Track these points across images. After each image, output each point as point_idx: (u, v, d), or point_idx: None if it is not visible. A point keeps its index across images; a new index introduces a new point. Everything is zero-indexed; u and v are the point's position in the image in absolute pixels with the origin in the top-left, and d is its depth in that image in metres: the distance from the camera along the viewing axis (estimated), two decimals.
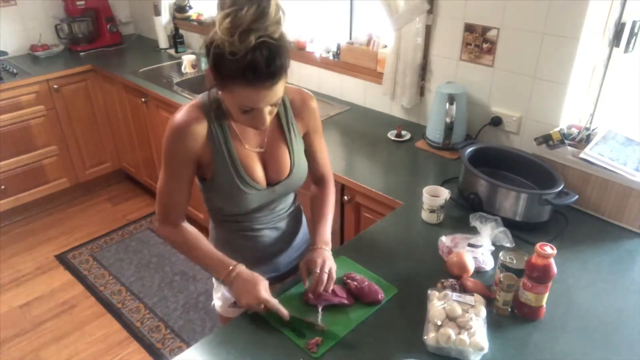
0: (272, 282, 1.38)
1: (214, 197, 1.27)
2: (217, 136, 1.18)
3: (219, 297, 1.48)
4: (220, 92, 1.11)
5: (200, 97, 1.21)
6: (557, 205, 1.51)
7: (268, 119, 1.10)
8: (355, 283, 1.28)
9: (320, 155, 1.40)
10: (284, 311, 1.17)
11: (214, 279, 1.48)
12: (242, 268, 1.22)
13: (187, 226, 1.29)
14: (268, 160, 1.27)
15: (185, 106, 1.19)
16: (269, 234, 1.37)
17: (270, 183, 1.28)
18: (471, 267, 1.32)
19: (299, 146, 1.31)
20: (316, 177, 1.44)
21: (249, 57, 0.96)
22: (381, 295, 1.26)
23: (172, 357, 2.30)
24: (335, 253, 1.41)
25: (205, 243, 1.28)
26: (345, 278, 1.31)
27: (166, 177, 1.21)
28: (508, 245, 1.37)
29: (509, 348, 1.14)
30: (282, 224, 1.39)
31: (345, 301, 1.24)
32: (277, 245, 1.40)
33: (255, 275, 1.21)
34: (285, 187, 1.30)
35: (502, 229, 1.39)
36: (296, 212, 1.46)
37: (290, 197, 1.41)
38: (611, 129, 1.65)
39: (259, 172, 1.25)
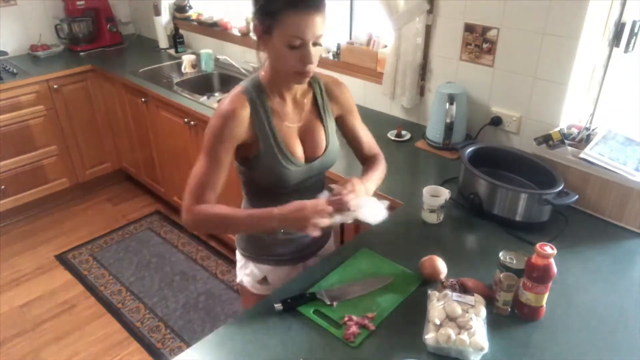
0: (296, 260, 1.51)
1: (256, 175, 1.32)
2: (261, 116, 1.26)
3: (248, 274, 1.51)
4: (268, 43, 1.17)
5: (242, 84, 1.29)
6: (557, 205, 1.51)
7: (314, 58, 1.17)
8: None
9: (363, 133, 1.47)
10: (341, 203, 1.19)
11: (238, 255, 1.54)
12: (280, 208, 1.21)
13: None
14: (305, 137, 1.34)
15: (229, 94, 1.27)
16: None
17: (307, 160, 1.34)
18: (443, 270, 1.32)
19: (332, 125, 1.39)
20: (364, 157, 1.50)
21: None
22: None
23: (172, 357, 2.30)
24: (354, 246, 1.47)
25: (240, 209, 1.33)
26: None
27: (208, 161, 1.24)
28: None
29: (509, 348, 1.14)
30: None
31: None
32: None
33: (296, 203, 1.20)
34: (321, 163, 1.37)
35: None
36: (322, 194, 1.48)
37: (323, 179, 1.47)
38: (611, 129, 1.65)
39: (298, 149, 1.32)
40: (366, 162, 1.49)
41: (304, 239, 1.47)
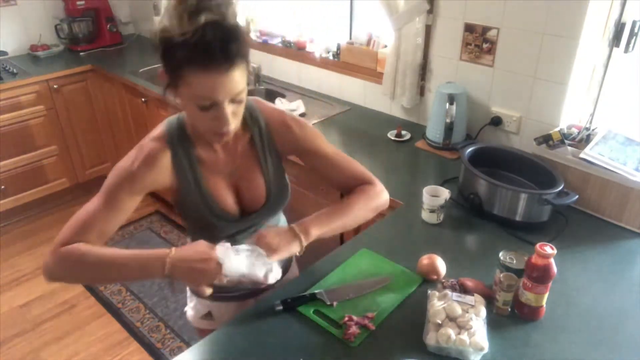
0: (246, 296, 1.35)
1: (184, 218, 1.19)
2: (183, 166, 1.09)
3: (192, 307, 1.41)
4: (175, 95, 0.99)
5: (165, 126, 1.10)
6: (557, 205, 1.51)
7: (232, 120, 0.98)
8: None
9: (335, 172, 1.22)
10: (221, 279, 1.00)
11: (187, 289, 1.40)
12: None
13: None
14: (241, 188, 1.17)
15: (150, 136, 1.09)
16: None
17: (245, 211, 1.19)
18: (442, 268, 1.32)
19: (277, 172, 1.20)
20: (346, 189, 1.24)
21: (200, 34, 0.88)
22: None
23: (172, 357, 2.30)
24: (354, 246, 1.44)
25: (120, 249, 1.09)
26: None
27: (103, 203, 1.05)
28: None
29: (509, 348, 1.14)
30: None
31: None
32: None
33: (195, 244, 1.03)
34: (261, 216, 1.21)
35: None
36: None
37: (276, 220, 1.33)
38: (611, 129, 1.65)
39: (229, 201, 1.16)
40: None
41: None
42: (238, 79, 0.94)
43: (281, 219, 1.39)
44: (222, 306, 1.36)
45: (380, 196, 1.22)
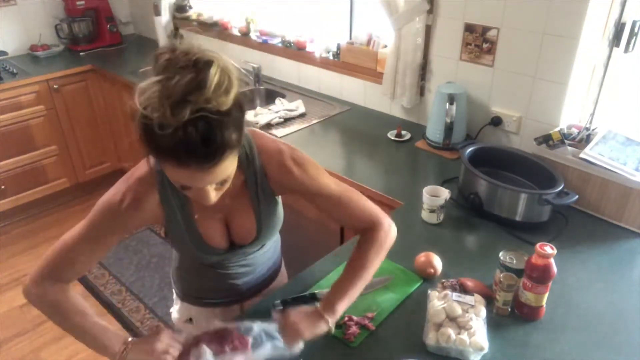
0: (230, 303, 1.34)
1: (172, 246, 1.18)
2: (172, 205, 1.05)
3: (177, 310, 1.41)
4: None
5: (153, 162, 1.00)
6: (557, 205, 1.51)
7: (214, 195, 0.92)
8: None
9: (341, 212, 1.14)
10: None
11: (174, 291, 1.40)
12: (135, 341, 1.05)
13: (71, 289, 1.12)
14: (231, 223, 1.14)
15: (140, 169, 1.02)
16: (235, 270, 1.27)
17: (234, 244, 1.17)
18: (438, 266, 1.32)
19: (269, 207, 1.14)
20: (356, 230, 1.18)
21: (181, 133, 0.77)
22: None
23: None
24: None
25: (93, 313, 1.11)
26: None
27: (85, 237, 1.03)
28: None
29: (509, 348, 1.14)
30: (252, 262, 1.29)
31: None
32: (242, 278, 1.30)
33: (157, 337, 1.04)
34: (251, 248, 1.19)
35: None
36: (271, 253, 1.35)
37: (263, 255, 1.31)
38: (611, 129, 1.65)
39: (218, 238, 1.13)
40: (359, 241, 1.17)
41: (241, 283, 1.29)
42: (223, 168, 0.86)
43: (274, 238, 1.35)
44: (205, 312, 1.34)
45: (389, 236, 1.16)
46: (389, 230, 1.16)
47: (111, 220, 1.02)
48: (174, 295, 1.43)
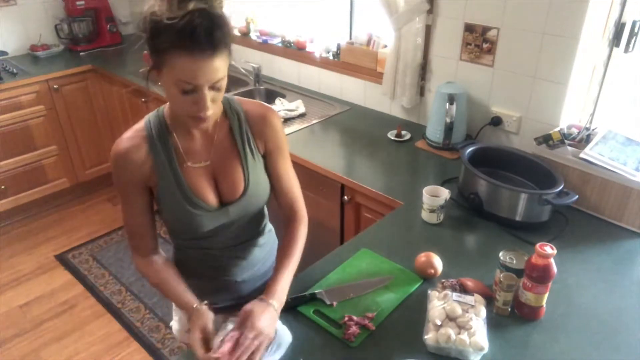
0: (234, 308, 1.29)
1: (165, 220, 1.20)
2: (161, 156, 1.12)
3: (177, 320, 1.43)
4: (158, 77, 1.04)
5: (146, 117, 1.17)
6: (557, 205, 1.51)
7: (211, 106, 1.02)
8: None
9: (284, 179, 1.25)
10: (197, 352, 1.05)
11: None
12: (201, 308, 1.13)
13: (157, 258, 1.22)
14: (219, 177, 1.18)
15: (129, 130, 1.15)
16: (231, 262, 1.29)
17: (224, 203, 1.19)
18: (438, 266, 1.32)
19: (256, 163, 1.20)
20: (283, 207, 1.29)
21: (187, 19, 0.92)
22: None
23: (172, 357, 2.30)
24: (354, 246, 1.44)
25: (174, 276, 1.21)
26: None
27: (123, 207, 1.18)
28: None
29: (509, 348, 1.14)
30: (248, 254, 1.31)
31: None
32: (240, 274, 1.32)
33: (197, 313, 1.12)
34: (240, 208, 1.20)
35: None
36: (267, 243, 1.37)
37: (258, 226, 1.32)
38: (611, 129, 1.65)
39: (207, 190, 1.16)
40: (287, 219, 1.28)
41: (240, 281, 1.32)
42: (219, 66, 0.98)
43: (265, 218, 1.36)
44: None
45: (306, 231, 1.28)
46: (305, 226, 1.29)
47: (124, 169, 1.12)
48: (174, 307, 1.42)
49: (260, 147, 1.22)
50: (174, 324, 1.46)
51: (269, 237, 1.39)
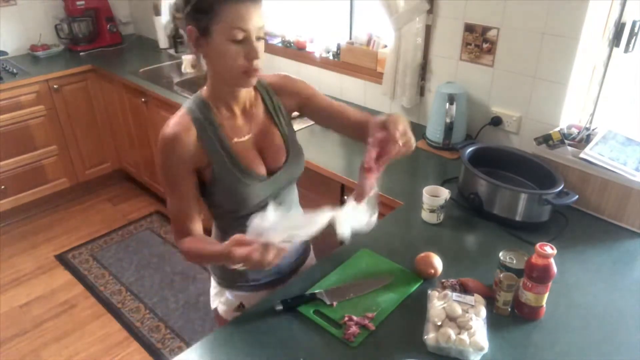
0: (275, 284, 1.41)
1: (217, 199, 1.24)
2: (209, 135, 1.18)
3: (223, 302, 1.45)
4: (207, 45, 1.10)
5: (185, 104, 1.22)
6: (557, 205, 1.51)
7: (260, 53, 1.10)
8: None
9: (334, 106, 1.34)
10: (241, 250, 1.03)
11: (213, 282, 1.47)
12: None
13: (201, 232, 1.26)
14: (263, 148, 1.27)
15: (172, 117, 1.19)
16: None
17: (270, 172, 1.27)
18: (439, 267, 1.32)
19: (290, 130, 1.32)
20: (354, 125, 1.32)
21: None
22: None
23: (172, 357, 2.30)
24: (354, 246, 1.45)
25: (210, 239, 1.25)
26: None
27: (170, 192, 1.20)
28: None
29: (509, 348, 1.14)
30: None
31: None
32: None
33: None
34: (287, 173, 1.29)
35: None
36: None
37: (294, 196, 1.40)
38: (611, 129, 1.65)
39: (257, 161, 1.25)
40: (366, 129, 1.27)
41: (284, 260, 1.37)
42: (263, 12, 1.08)
43: (294, 192, 1.41)
44: (252, 296, 1.39)
45: None
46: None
47: (173, 153, 1.14)
48: (214, 290, 1.47)
49: (293, 106, 1.33)
50: (220, 306, 1.45)
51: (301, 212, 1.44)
